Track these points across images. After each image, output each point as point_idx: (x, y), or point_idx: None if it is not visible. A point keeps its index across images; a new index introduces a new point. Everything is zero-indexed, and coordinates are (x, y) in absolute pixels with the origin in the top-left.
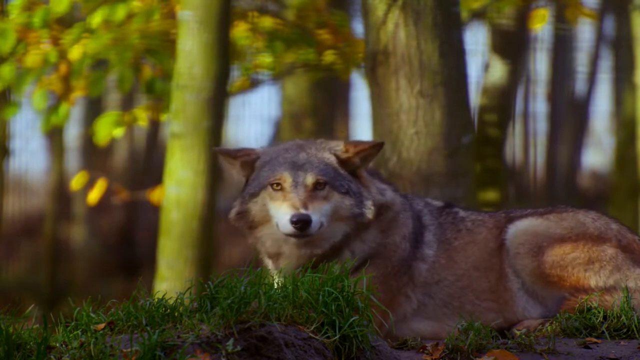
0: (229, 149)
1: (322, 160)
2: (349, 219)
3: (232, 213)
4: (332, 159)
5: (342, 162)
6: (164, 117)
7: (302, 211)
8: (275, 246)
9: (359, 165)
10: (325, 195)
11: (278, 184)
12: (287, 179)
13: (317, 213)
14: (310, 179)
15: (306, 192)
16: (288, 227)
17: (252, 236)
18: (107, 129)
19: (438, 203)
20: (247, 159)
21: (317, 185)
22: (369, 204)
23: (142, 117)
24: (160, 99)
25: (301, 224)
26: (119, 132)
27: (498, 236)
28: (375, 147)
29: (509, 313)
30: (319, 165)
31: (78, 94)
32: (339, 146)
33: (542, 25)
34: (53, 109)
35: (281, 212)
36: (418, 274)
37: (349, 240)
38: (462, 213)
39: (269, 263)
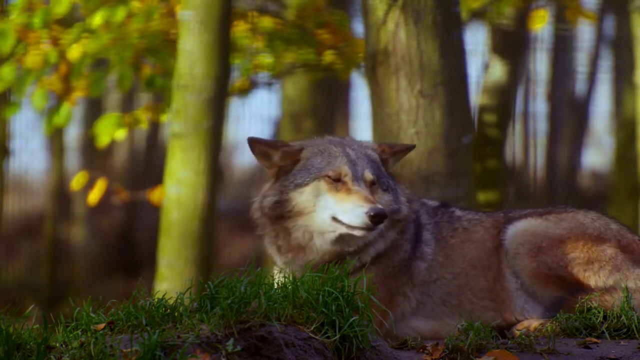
0: (267, 139)
1: (370, 157)
2: (387, 214)
3: (268, 202)
4: (377, 157)
5: (383, 161)
6: (164, 118)
7: (379, 205)
8: (306, 239)
9: (391, 165)
10: (375, 190)
11: (337, 177)
12: (347, 173)
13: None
14: (368, 175)
15: (366, 187)
16: (362, 220)
17: (276, 227)
18: (108, 131)
19: (434, 202)
20: (290, 150)
21: (373, 182)
22: (404, 200)
23: (142, 119)
24: (160, 99)
25: (378, 217)
26: (120, 133)
27: (496, 236)
28: (407, 150)
29: (507, 312)
30: (370, 162)
31: (79, 94)
32: (374, 146)
33: (542, 26)
34: (54, 109)
35: (351, 205)
36: (417, 273)
37: (377, 238)
38: (458, 212)
39: (280, 259)
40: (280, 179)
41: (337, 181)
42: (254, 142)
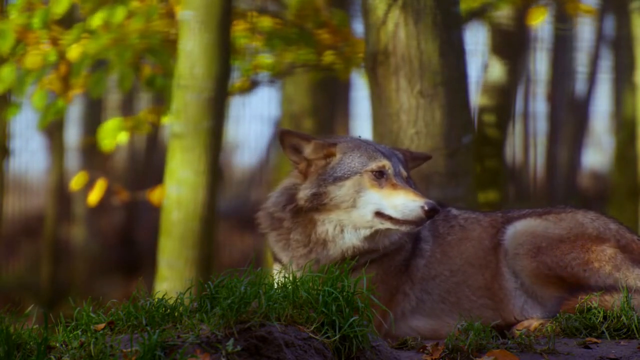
0: (300, 132)
1: (397, 156)
2: None
3: (305, 194)
4: (402, 157)
5: (407, 165)
6: (165, 120)
7: (430, 200)
8: (335, 233)
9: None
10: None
11: (380, 172)
12: (390, 168)
13: None
14: (404, 172)
15: (406, 184)
16: (417, 214)
17: (298, 220)
18: (112, 136)
19: None
20: (324, 143)
21: (408, 179)
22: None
23: (144, 122)
24: (161, 99)
25: (434, 212)
26: (122, 137)
27: (494, 235)
28: (424, 159)
29: (506, 312)
30: (400, 161)
31: (76, 92)
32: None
33: (540, 21)
34: (51, 106)
35: (403, 199)
36: (416, 270)
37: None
38: (454, 211)
39: (286, 254)
40: (315, 173)
41: (379, 177)
42: (285, 135)
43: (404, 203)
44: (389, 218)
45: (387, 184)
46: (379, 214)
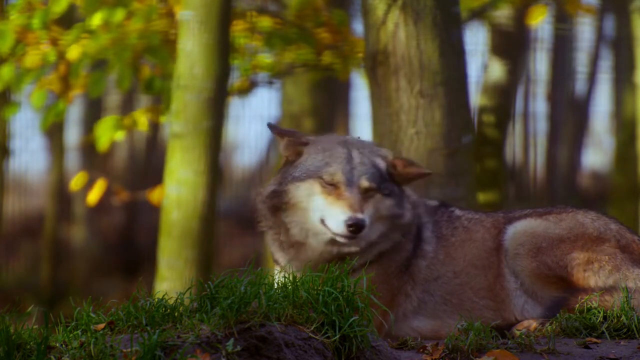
0: (280, 127)
1: (374, 164)
2: (387, 218)
3: (267, 191)
4: (383, 166)
5: (389, 173)
6: (163, 119)
7: (359, 215)
8: (302, 235)
9: (400, 182)
10: (371, 197)
11: (331, 180)
12: (341, 179)
13: (367, 217)
14: (364, 182)
15: (359, 195)
16: (341, 229)
17: (276, 219)
18: (108, 134)
19: (433, 202)
20: (294, 140)
21: (369, 189)
22: (408, 206)
23: (141, 120)
24: (159, 99)
25: (355, 227)
26: (119, 135)
27: (496, 236)
28: (421, 176)
29: (507, 312)
30: (371, 169)
31: (76, 92)
32: (389, 155)
33: (540, 20)
34: (52, 107)
35: (335, 211)
36: (418, 271)
37: (381, 239)
38: (457, 212)
39: (283, 256)
40: (287, 170)
41: (330, 184)
42: (270, 128)
43: (336, 215)
44: (327, 227)
45: (335, 193)
46: (322, 222)
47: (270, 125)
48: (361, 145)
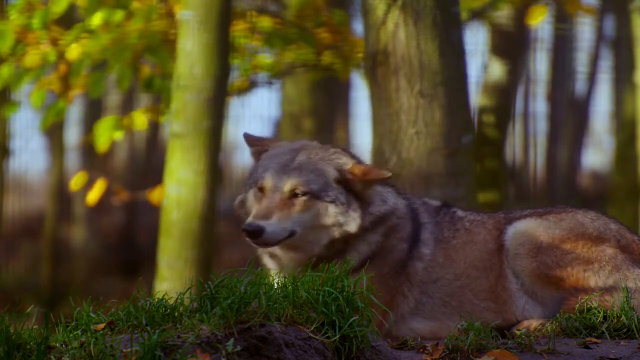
0: (253, 136)
1: (316, 169)
2: (334, 226)
3: (237, 200)
4: (331, 173)
5: (343, 180)
6: (163, 119)
7: (256, 221)
8: None
9: (360, 189)
10: (302, 203)
11: (261, 186)
12: (268, 184)
13: (285, 222)
14: (288, 185)
15: (280, 199)
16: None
17: None
18: (107, 134)
19: (435, 202)
20: (256, 150)
21: (296, 193)
22: (355, 215)
23: (141, 120)
24: (159, 99)
25: (247, 233)
26: (118, 135)
27: (498, 237)
28: (382, 180)
29: (508, 313)
30: (310, 174)
31: (76, 92)
32: (347, 165)
33: (540, 20)
34: (51, 107)
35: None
36: (414, 273)
37: (353, 242)
38: (460, 213)
39: (269, 261)
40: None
41: (260, 191)
42: (244, 137)
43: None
44: None
45: (260, 198)
46: None
47: (245, 135)
48: (315, 152)
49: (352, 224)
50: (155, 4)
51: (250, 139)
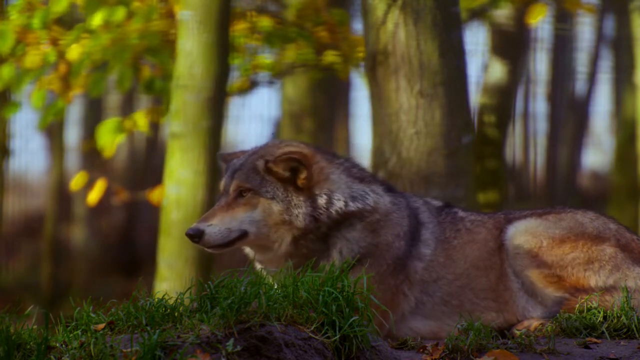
0: (226, 153)
1: (253, 166)
2: (284, 223)
3: None
4: (261, 166)
5: (269, 170)
6: (164, 120)
7: (198, 224)
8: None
9: (289, 177)
10: (247, 201)
11: (219, 193)
12: (221, 189)
13: (230, 222)
14: (233, 185)
15: (226, 202)
16: None
17: None
18: (109, 137)
19: (437, 202)
20: (226, 164)
21: (242, 192)
22: (298, 211)
23: (142, 122)
24: (159, 100)
25: (189, 237)
26: (120, 138)
27: (498, 237)
28: (291, 159)
29: (509, 313)
30: (248, 171)
31: (76, 92)
32: (273, 155)
33: (540, 19)
34: (51, 106)
35: None
36: (414, 272)
37: (330, 241)
38: (461, 213)
39: (257, 264)
40: None
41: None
42: (218, 157)
43: None
44: None
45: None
46: None
47: (218, 155)
48: (259, 150)
49: (297, 221)
50: (155, 4)
51: (223, 156)
